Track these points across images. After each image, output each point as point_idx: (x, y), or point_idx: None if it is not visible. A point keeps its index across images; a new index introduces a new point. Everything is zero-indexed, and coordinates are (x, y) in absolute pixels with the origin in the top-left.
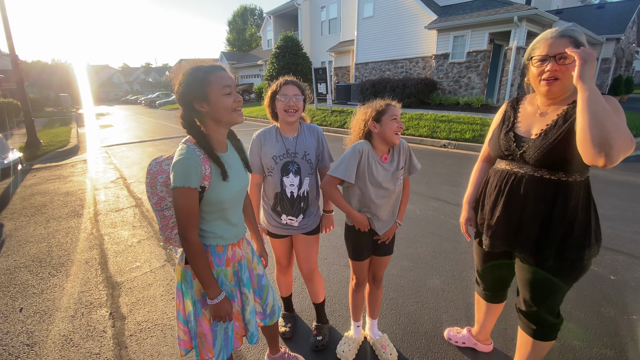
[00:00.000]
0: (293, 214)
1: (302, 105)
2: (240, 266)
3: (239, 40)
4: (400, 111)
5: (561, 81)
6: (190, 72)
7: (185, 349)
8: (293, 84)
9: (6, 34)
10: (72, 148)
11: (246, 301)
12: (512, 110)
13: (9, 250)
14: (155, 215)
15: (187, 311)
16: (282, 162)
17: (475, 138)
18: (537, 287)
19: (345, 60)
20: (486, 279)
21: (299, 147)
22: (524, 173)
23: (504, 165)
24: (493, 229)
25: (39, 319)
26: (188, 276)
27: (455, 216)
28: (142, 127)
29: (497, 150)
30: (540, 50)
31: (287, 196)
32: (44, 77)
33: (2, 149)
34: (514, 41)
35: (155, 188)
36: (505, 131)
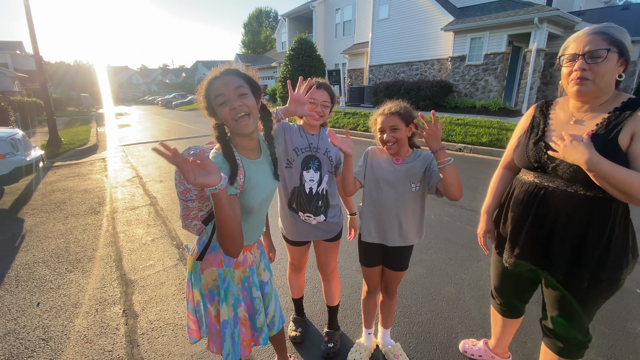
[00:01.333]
0: (310, 212)
1: (327, 113)
2: (252, 271)
3: (253, 42)
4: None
5: (593, 82)
6: (202, 85)
7: (194, 338)
8: (325, 90)
9: (31, 38)
10: (91, 147)
11: (259, 304)
12: (542, 116)
13: (29, 245)
14: (179, 201)
15: (196, 300)
16: (303, 155)
17: (492, 142)
18: (567, 306)
19: (359, 62)
20: (504, 294)
21: (321, 143)
22: (556, 187)
23: (531, 178)
24: (519, 247)
25: (55, 314)
26: (197, 269)
27: (472, 222)
28: (158, 127)
29: (524, 160)
30: (571, 49)
31: (305, 192)
32: (67, 78)
33: (25, 146)
34: (534, 43)
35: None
36: (535, 140)
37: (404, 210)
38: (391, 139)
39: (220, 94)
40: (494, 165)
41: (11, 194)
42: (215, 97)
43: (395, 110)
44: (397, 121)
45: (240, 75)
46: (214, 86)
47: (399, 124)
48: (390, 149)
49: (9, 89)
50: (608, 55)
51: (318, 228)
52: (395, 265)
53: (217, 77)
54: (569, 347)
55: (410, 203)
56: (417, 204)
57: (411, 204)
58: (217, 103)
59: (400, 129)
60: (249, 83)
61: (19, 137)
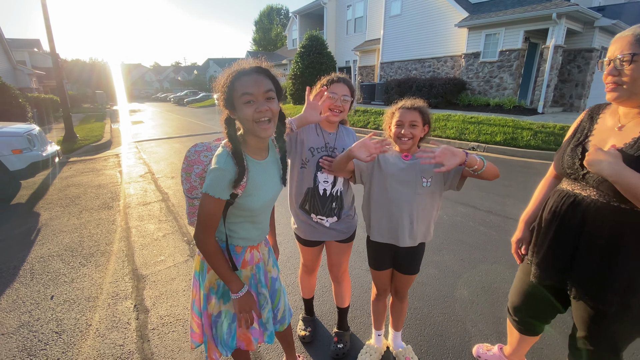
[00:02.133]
0: (323, 214)
1: (347, 108)
2: (258, 268)
3: (264, 39)
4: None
5: (625, 88)
6: (226, 76)
7: (196, 342)
8: (344, 83)
9: (48, 36)
10: (105, 143)
11: (265, 300)
12: (589, 121)
13: (44, 239)
14: (185, 198)
15: (202, 303)
16: (319, 155)
17: (507, 141)
18: (596, 328)
19: (370, 59)
20: (522, 313)
21: (338, 142)
22: (586, 196)
23: (564, 185)
24: (542, 257)
25: (68, 307)
26: (204, 267)
27: (485, 223)
28: (170, 124)
29: (559, 166)
30: (609, 52)
31: (319, 193)
32: (82, 75)
33: (42, 142)
34: (551, 39)
35: (189, 176)
36: (574, 145)
37: (416, 207)
38: (408, 134)
39: (249, 93)
40: (508, 164)
41: (28, 189)
42: (241, 95)
43: (417, 105)
44: (417, 117)
45: (270, 77)
46: (242, 82)
47: (418, 121)
48: (404, 144)
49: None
50: (634, 58)
51: (331, 229)
52: (405, 268)
53: (247, 73)
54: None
55: (422, 199)
56: (429, 201)
57: (423, 201)
58: (243, 100)
59: (418, 126)
60: (276, 87)
61: (36, 133)
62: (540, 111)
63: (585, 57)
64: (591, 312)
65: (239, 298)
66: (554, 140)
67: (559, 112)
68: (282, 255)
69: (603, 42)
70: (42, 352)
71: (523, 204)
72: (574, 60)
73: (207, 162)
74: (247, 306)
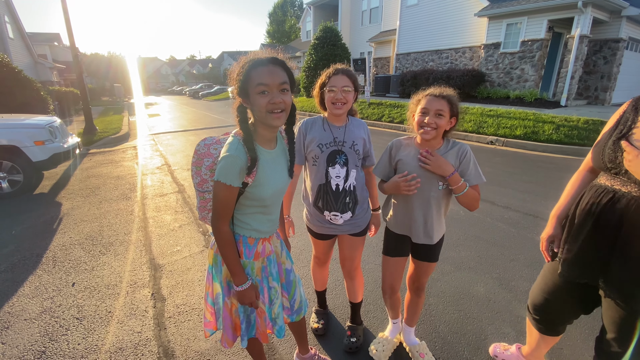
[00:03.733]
0: (337, 209)
1: (351, 98)
2: (269, 261)
3: (278, 32)
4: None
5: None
6: (240, 64)
7: (210, 330)
8: (343, 74)
9: (68, 31)
10: (123, 135)
11: (275, 295)
12: (634, 112)
13: (66, 228)
14: (195, 193)
15: (215, 293)
16: (328, 150)
17: (527, 135)
18: (628, 329)
19: (385, 50)
20: (544, 312)
21: (347, 136)
22: (627, 192)
23: (603, 181)
24: (574, 254)
25: (88, 294)
26: (218, 260)
27: (504, 220)
28: (186, 116)
29: (599, 160)
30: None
31: (331, 189)
32: (101, 69)
33: (63, 134)
34: (577, 29)
35: (200, 169)
36: (616, 138)
37: (430, 209)
38: (433, 124)
39: (264, 83)
40: (529, 159)
41: (50, 179)
42: (257, 85)
43: (445, 94)
44: (445, 107)
45: (286, 69)
46: (258, 72)
47: (445, 111)
48: (427, 134)
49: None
50: None
51: (344, 225)
52: (422, 255)
53: (264, 64)
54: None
55: (435, 202)
56: (443, 203)
57: (436, 204)
58: (257, 90)
59: (444, 116)
60: (290, 80)
61: (57, 125)
62: (563, 104)
63: (612, 47)
64: (623, 313)
65: (240, 291)
66: (577, 135)
67: (583, 105)
68: (294, 248)
69: (630, 32)
70: (63, 338)
71: (543, 200)
72: (599, 50)
73: (217, 155)
74: (247, 299)
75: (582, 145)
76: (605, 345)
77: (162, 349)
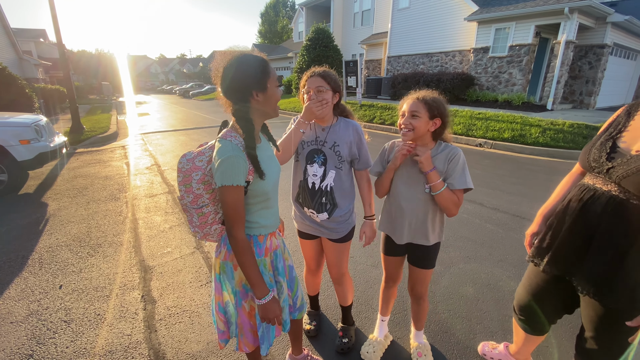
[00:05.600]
0: (313, 207)
1: (330, 98)
2: (276, 255)
3: (270, 32)
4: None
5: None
6: (249, 60)
7: (224, 340)
8: (318, 76)
9: (54, 26)
10: (111, 134)
11: (280, 289)
12: (626, 117)
13: (52, 229)
14: (189, 213)
15: (225, 301)
16: (309, 148)
17: (515, 138)
18: (605, 328)
19: (377, 53)
20: (529, 313)
21: (329, 136)
22: (607, 191)
23: (587, 180)
24: (553, 249)
25: (76, 296)
26: (228, 268)
27: (492, 221)
28: (176, 116)
29: (584, 159)
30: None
31: (308, 186)
32: (89, 66)
33: (49, 133)
34: (563, 34)
35: (190, 186)
36: (605, 139)
37: (415, 212)
38: (408, 125)
39: (278, 79)
40: (516, 161)
41: (36, 179)
42: (277, 79)
43: (422, 97)
44: (420, 107)
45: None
46: (272, 70)
47: (420, 112)
48: (404, 135)
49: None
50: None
51: (322, 226)
52: (416, 261)
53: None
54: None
55: (422, 205)
56: (431, 205)
57: (423, 207)
58: (276, 84)
59: (421, 117)
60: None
61: (43, 124)
62: (550, 108)
63: (597, 53)
64: (600, 311)
65: (262, 305)
66: (563, 138)
67: (568, 109)
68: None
69: (615, 39)
70: (51, 341)
71: (530, 201)
72: (585, 56)
73: (204, 166)
74: (272, 314)
75: (568, 148)
76: (584, 343)
77: (153, 352)
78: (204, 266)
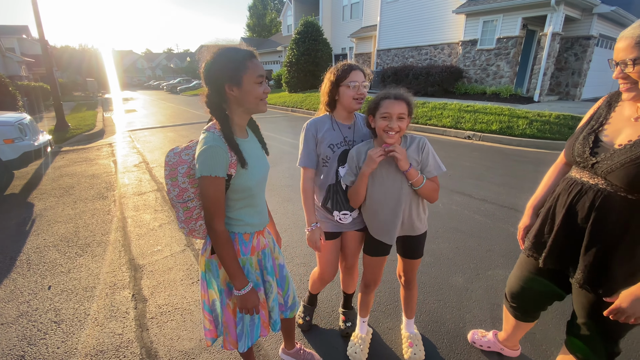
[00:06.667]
0: (348, 208)
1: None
2: (264, 254)
3: (258, 25)
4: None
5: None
6: (227, 53)
7: (212, 338)
8: (361, 71)
9: (37, 22)
10: (98, 132)
11: (270, 289)
12: (607, 108)
13: (39, 229)
14: (175, 208)
15: (211, 300)
16: (339, 150)
17: (503, 130)
18: (596, 315)
19: (366, 46)
20: (520, 299)
21: (356, 135)
22: (594, 185)
23: (574, 173)
24: (549, 244)
25: (66, 297)
26: (213, 266)
27: (480, 212)
28: (163, 112)
29: (569, 154)
30: (615, 50)
31: (341, 188)
32: (73, 62)
33: (33, 131)
34: (549, 27)
35: (176, 180)
36: (587, 133)
37: (403, 208)
38: (396, 128)
39: (262, 75)
40: (504, 153)
41: (21, 179)
42: (258, 76)
43: (404, 95)
44: (405, 109)
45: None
46: (254, 63)
47: (405, 113)
48: (391, 138)
49: (16, 74)
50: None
51: (352, 222)
52: (407, 253)
53: (253, 55)
54: (592, 357)
55: (407, 198)
56: (414, 196)
57: (408, 200)
58: (257, 80)
59: (405, 118)
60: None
61: (27, 122)
62: (537, 100)
63: (583, 44)
64: (592, 299)
65: (241, 295)
66: (549, 129)
67: (554, 100)
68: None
69: (601, 30)
70: (42, 342)
71: (518, 192)
72: (571, 47)
73: (191, 159)
74: (250, 304)
75: (554, 140)
76: (576, 329)
77: (145, 350)
78: (195, 264)
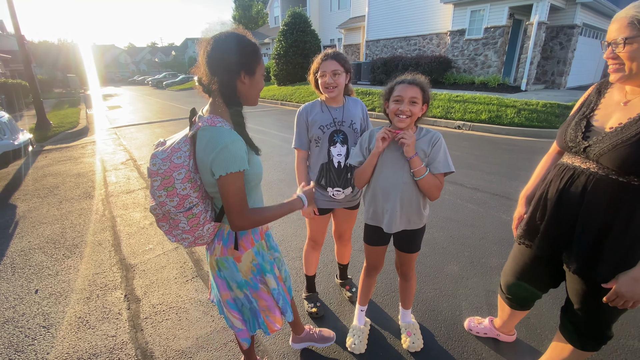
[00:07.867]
0: (340, 185)
1: (342, 80)
2: (268, 236)
3: (245, 17)
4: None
5: (626, 70)
6: (244, 40)
7: (246, 339)
8: (332, 59)
9: (10, 12)
10: (81, 129)
11: (280, 262)
12: (597, 95)
13: (23, 232)
14: (173, 220)
15: (234, 297)
16: (329, 131)
17: (492, 119)
18: (589, 300)
19: (355, 37)
20: (516, 291)
21: (345, 116)
22: (586, 169)
23: (566, 159)
24: (542, 230)
25: (54, 300)
26: (229, 263)
27: (473, 200)
28: (150, 108)
29: (561, 140)
30: (608, 32)
31: (334, 166)
32: (51, 58)
33: (12, 130)
34: (535, 16)
35: (172, 189)
36: (579, 119)
37: (401, 197)
38: (407, 111)
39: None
40: (494, 142)
41: (2, 180)
42: (264, 69)
43: (418, 81)
44: (418, 94)
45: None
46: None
47: (418, 98)
48: (402, 122)
49: None
50: (627, 41)
51: (344, 199)
52: (404, 246)
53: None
54: (586, 340)
55: (408, 189)
56: (416, 189)
57: (409, 191)
58: (263, 73)
59: (418, 103)
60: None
61: (5, 121)
62: (524, 89)
63: (567, 33)
64: (585, 284)
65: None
66: (536, 118)
67: (541, 89)
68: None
69: (584, 19)
70: (30, 348)
71: (508, 180)
72: (556, 37)
73: (187, 162)
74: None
75: (542, 128)
76: (570, 314)
77: (140, 351)
78: (189, 261)
